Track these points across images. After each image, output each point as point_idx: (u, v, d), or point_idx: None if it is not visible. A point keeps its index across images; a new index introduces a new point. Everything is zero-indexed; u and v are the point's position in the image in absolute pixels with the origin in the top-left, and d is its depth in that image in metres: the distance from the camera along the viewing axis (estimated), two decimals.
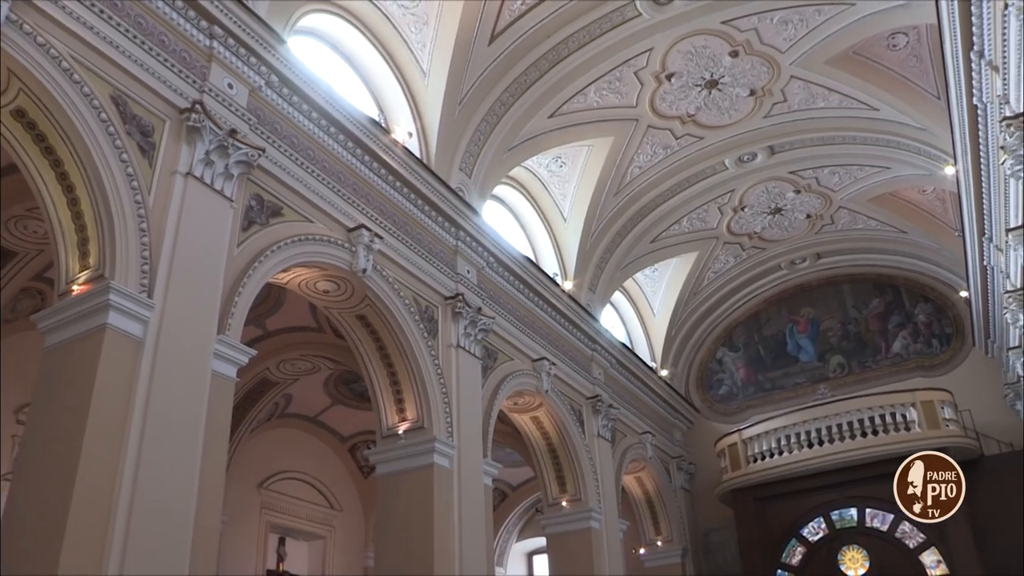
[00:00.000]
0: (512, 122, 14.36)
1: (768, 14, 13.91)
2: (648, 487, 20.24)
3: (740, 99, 15.89)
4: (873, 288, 22.35)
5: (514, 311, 14.64)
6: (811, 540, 18.98)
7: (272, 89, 9.61)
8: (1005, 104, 9.66)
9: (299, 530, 17.45)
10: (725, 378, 23.54)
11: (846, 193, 19.15)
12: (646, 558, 20.19)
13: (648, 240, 19.31)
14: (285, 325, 14.11)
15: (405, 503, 10.92)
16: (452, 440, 11.53)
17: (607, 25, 13.71)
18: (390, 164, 11.39)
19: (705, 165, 17.82)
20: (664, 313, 21.96)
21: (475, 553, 11.32)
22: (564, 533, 15.48)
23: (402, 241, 11.68)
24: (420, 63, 12.74)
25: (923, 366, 21.06)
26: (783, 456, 19.22)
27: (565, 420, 15.48)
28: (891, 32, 14.01)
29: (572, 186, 17.03)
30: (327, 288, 10.78)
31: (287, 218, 9.70)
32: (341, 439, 18.47)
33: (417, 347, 11.39)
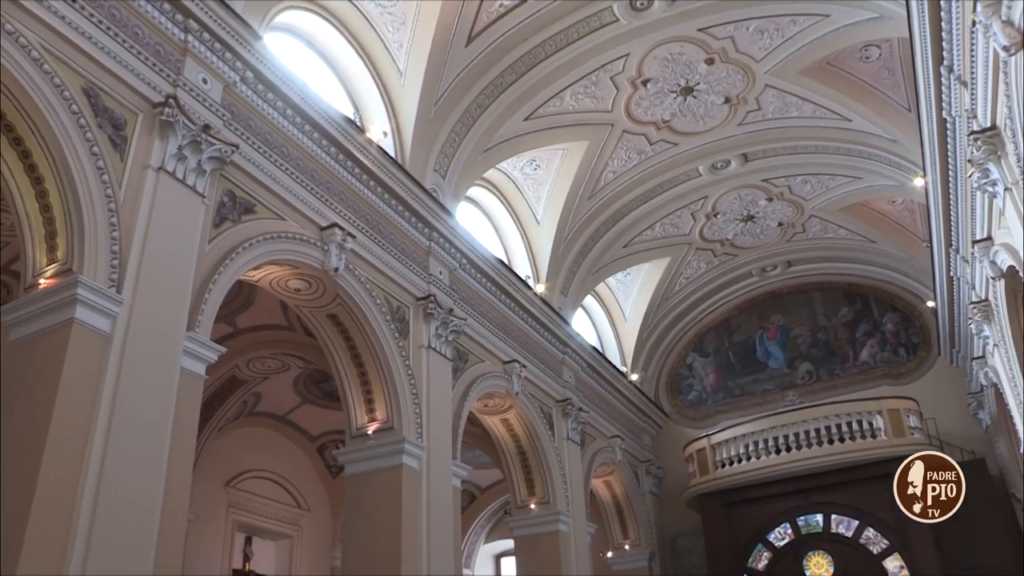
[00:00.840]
0: (488, 124, 14.36)
1: (744, 23, 14.01)
2: (617, 491, 20.31)
3: (715, 106, 15.99)
4: (842, 297, 22.59)
5: (486, 313, 14.63)
6: (777, 545, 19.12)
7: (247, 85, 9.54)
8: (973, 118, 9.79)
9: (266, 529, 17.32)
10: (695, 383, 23.67)
11: (818, 202, 19.34)
12: (613, 561, 20.24)
13: (621, 244, 19.38)
14: (255, 323, 14.00)
15: (373, 503, 10.87)
16: (421, 441, 11.50)
17: (584, 29, 13.75)
18: (364, 163, 11.34)
19: (679, 171, 17.91)
20: (635, 318, 22.04)
21: (443, 554, 11.29)
22: (532, 536, 15.49)
23: (375, 241, 11.64)
24: (397, 63, 12.71)
25: (890, 375, 21.33)
26: (751, 462, 19.35)
27: (535, 423, 15.49)
28: (864, 44, 14.18)
29: (546, 189, 17.05)
30: (298, 286, 10.71)
31: (259, 215, 9.63)
32: (310, 438, 18.36)
33: (388, 347, 11.34)
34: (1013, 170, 8.79)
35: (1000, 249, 11.01)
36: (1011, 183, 9.04)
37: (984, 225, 11.71)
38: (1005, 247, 10.64)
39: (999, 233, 10.99)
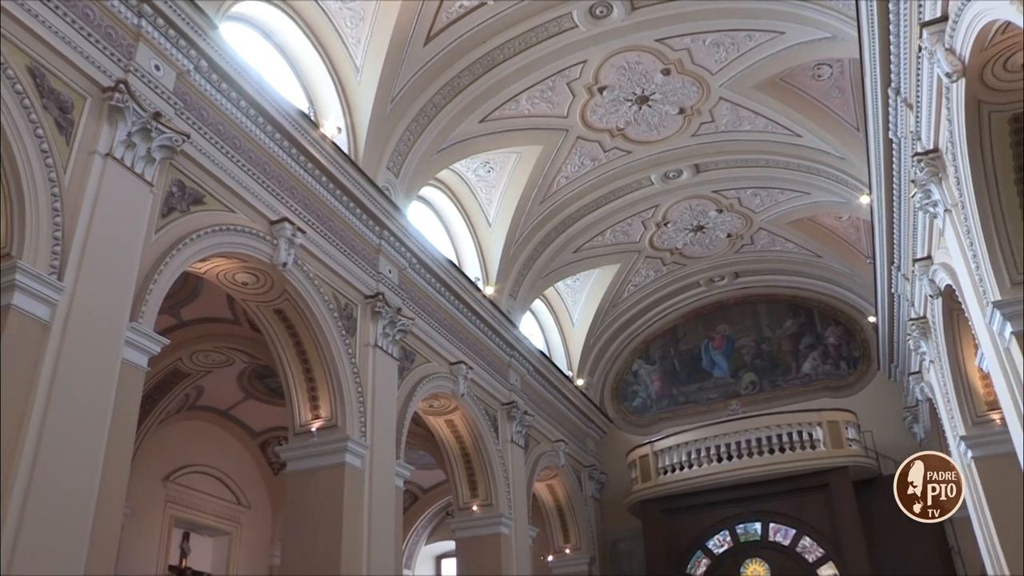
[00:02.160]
0: (443, 124, 14.33)
1: (701, 36, 14.19)
2: (559, 495, 20.39)
3: (669, 116, 16.15)
4: (787, 309, 22.97)
5: (434, 313, 14.59)
6: (716, 552, 19.38)
7: (201, 74, 9.39)
8: (917, 140, 10.02)
9: (204, 525, 17.05)
10: (640, 390, 23.86)
11: (766, 215, 19.63)
12: (554, 565, 20.32)
13: (571, 250, 19.47)
14: (201, 315, 13.79)
15: (315, 502, 10.76)
16: (365, 440, 11.42)
17: (543, 34, 13.80)
18: (317, 159, 11.24)
19: (631, 179, 18.06)
20: (583, 323, 22.15)
21: (383, 554, 11.22)
22: (474, 537, 15.49)
23: (325, 237, 11.54)
24: (354, 59, 12.62)
25: (830, 387, 21.75)
26: (693, 469, 19.59)
27: (480, 425, 15.49)
28: (817, 63, 14.45)
29: (499, 192, 17.07)
30: (246, 280, 10.58)
31: (209, 207, 9.49)
32: (252, 434, 18.14)
33: (334, 345, 11.25)
34: (953, 192, 9.02)
35: (939, 268, 11.28)
36: (951, 205, 9.28)
37: (925, 244, 11.99)
38: (943, 266, 10.91)
39: (938, 253, 11.27)
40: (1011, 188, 8.16)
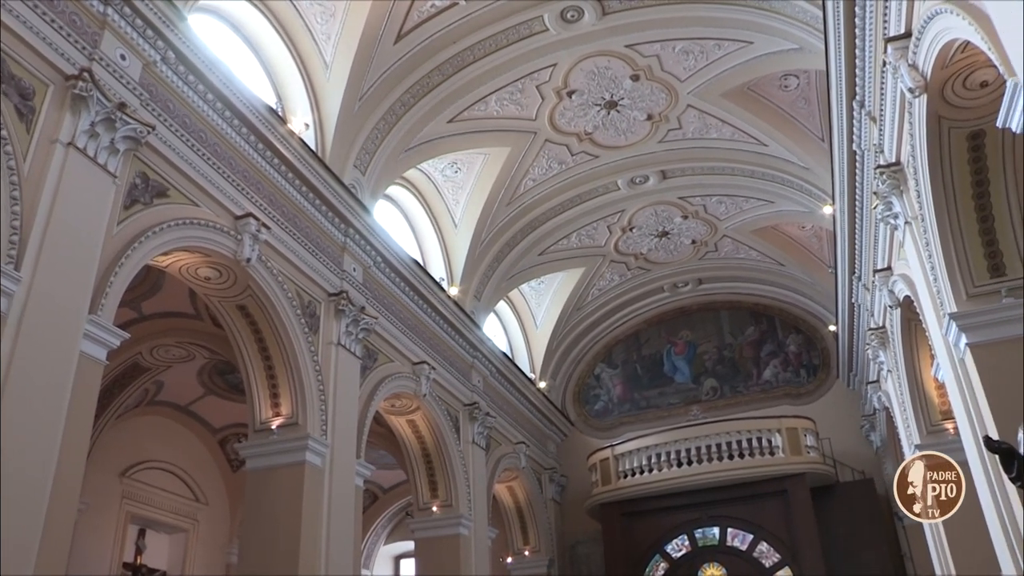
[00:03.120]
0: (411, 123, 14.29)
1: (671, 43, 14.29)
2: (519, 496, 20.41)
3: (637, 122, 16.25)
4: (750, 316, 23.19)
5: (398, 313, 14.54)
6: (674, 556, 19.53)
7: (168, 66, 9.26)
8: (880, 153, 10.17)
9: (161, 522, 16.84)
10: (602, 394, 23.96)
11: (731, 223, 19.80)
12: (513, 567, 20.34)
13: (536, 252, 19.51)
14: (162, 309, 13.61)
15: (274, 499, 10.67)
16: (326, 439, 11.35)
17: (514, 37, 13.82)
18: (284, 155, 11.16)
19: (598, 183, 18.13)
20: (547, 326, 22.20)
21: (342, 554, 11.16)
22: (433, 538, 15.45)
23: (290, 233, 11.46)
24: (323, 55, 12.54)
25: (790, 394, 22.00)
26: (652, 474, 19.72)
27: (441, 425, 15.46)
28: (784, 73, 14.62)
29: (466, 192, 17.05)
30: (209, 275, 10.47)
31: (173, 200, 9.38)
32: (212, 430, 17.94)
33: (297, 342, 11.17)
34: (913, 205, 9.18)
35: (898, 279, 11.46)
36: (911, 217, 9.43)
37: (885, 255, 12.18)
38: (903, 278, 11.09)
39: (898, 264, 11.46)
40: (968, 203, 8.32)
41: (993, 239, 8.35)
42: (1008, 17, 5.36)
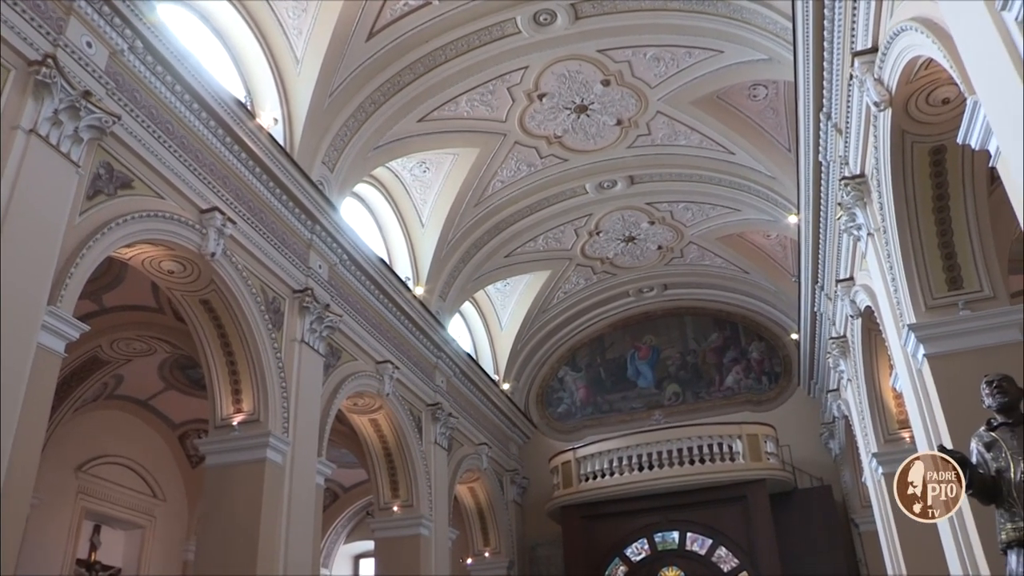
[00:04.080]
0: (381, 121, 14.24)
1: (642, 49, 14.37)
2: (480, 498, 20.41)
3: (607, 127, 16.32)
4: (713, 323, 23.38)
5: (363, 311, 14.48)
6: (633, 560, 19.63)
7: (135, 55, 9.13)
8: (845, 164, 10.31)
9: (117, 518, 16.58)
10: (565, 397, 24.02)
11: (697, 229, 19.94)
12: (473, 568, 20.33)
13: (503, 254, 19.52)
14: (123, 302, 13.43)
15: (233, 497, 10.56)
16: (287, 436, 11.27)
17: (486, 38, 13.81)
18: (252, 149, 11.06)
19: (566, 187, 18.18)
20: (512, 327, 22.22)
21: (301, 553, 11.09)
22: (393, 538, 15.38)
23: (256, 229, 11.36)
24: (294, 50, 12.45)
25: (752, 401, 22.21)
26: (614, 477, 19.81)
27: (403, 425, 15.41)
28: (753, 83, 14.78)
29: (434, 192, 17.02)
30: (172, 268, 10.35)
31: (137, 191, 9.25)
32: (172, 426, 17.71)
33: (260, 338, 11.08)
34: (876, 217, 9.31)
35: (860, 290, 11.61)
36: (874, 229, 9.57)
37: (848, 266, 12.33)
38: (865, 288, 11.24)
39: (860, 274, 11.61)
40: (929, 216, 8.47)
41: (952, 252, 8.50)
42: (969, 37, 5.47)
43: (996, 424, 5.77)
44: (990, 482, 5.56)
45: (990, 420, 5.84)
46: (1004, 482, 5.50)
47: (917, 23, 6.51)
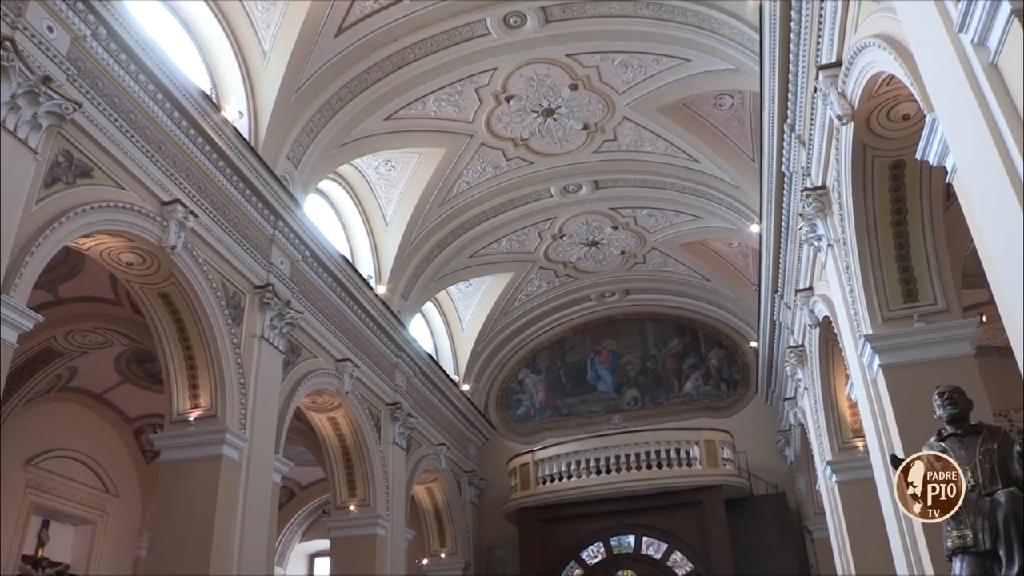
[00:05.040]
0: (347, 118, 14.17)
1: (611, 55, 14.45)
2: (438, 499, 20.37)
3: (573, 131, 16.37)
4: (674, 329, 23.54)
5: (324, 308, 14.39)
6: (589, 563, 19.73)
7: (98, 42, 8.97)
8: (807, 176, 10.44)
9: (67, 513, 16.29)
10: (524, 399, 24.06)
11: (660, 236, 20.07)
12: (428, 569, 20.29)
13: (466, 255, 19.50)
14: (80, 293, 13.22)
15: (188, 493, 10.44)
16: (245, 433, 11.17)
17: (456, 38, 13.80)
18: (216, 142, 10.95)
19: (531, 190, 18.20)
20: (473, 329, 22.20)
21: (255, 550, 10.99)
22: (349, 537, 15.30)
23: (217, 223, 11.25)
24: (262, 43, 12.33)
25: (710, 407, 22.41)
26: (571, 480, 19.89)
27: (362, 424, 15.34)
28: (720, 93, 14.92)
29: (398, 191, 16.96)
30: (131, 260, 10.20)
31: (97, 181, 9.11)
32: (127, 420, 17.47)
33: (219, 333, 10.97)
34: (836, 228, 9.44)
35: (819, 300, 11.76)
36: (833, 240, 9.70)
37: (807, 276, 12.49)
38: (823, 298, 11.39)
39: (819, 285, 11.76)
40: (887, 230, 8.61)
41: (909, 265, 8.65)
42: (929, 56, 5.57)
43: (946, 435, 5.89)
44: None
45: (940, 431, 5.97)
46: None
47: (880, 40, 6.62)
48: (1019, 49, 4.39)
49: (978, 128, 4.81)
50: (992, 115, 4.69)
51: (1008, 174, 4.56)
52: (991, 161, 4.71)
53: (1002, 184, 4.61)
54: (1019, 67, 4.43)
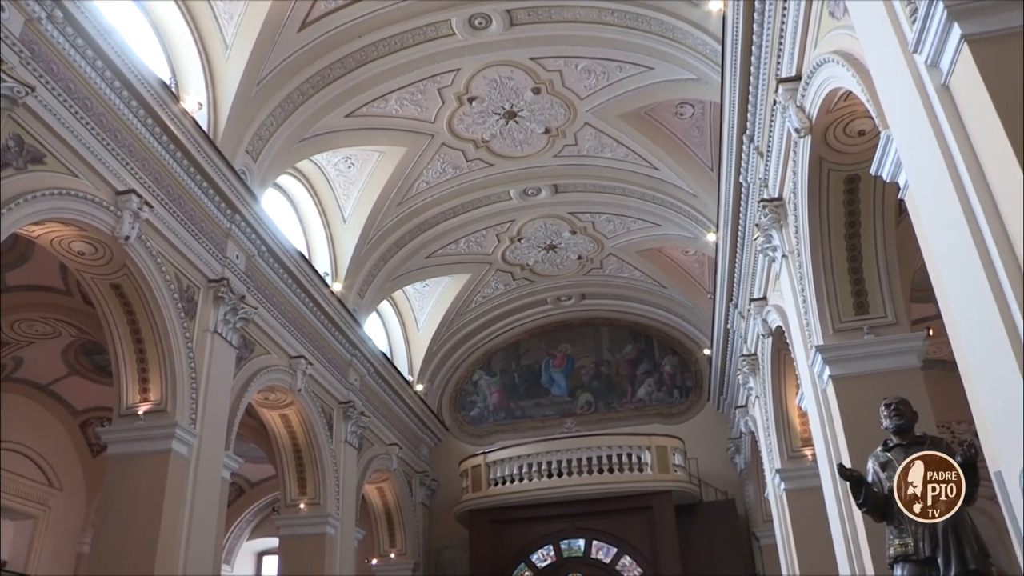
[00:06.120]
0: (308, 114, 14.05)
1: (575, 60, 14.51)
2: (389, 499, 20.28)
3: (534, 135, 16.41)
4: (629, 335, 23.69)
5: (279, 304, 14.26)
6: (539, 566, 19.78)
7: (54, 25, 8.75)
8: (764, 187, 10.59)
9: (7, 508, 15.88)
10: (478, 400, 24.05)
11: (618, 242, 20.19)
12: (378, 569, 20.19)
13: (424, 255, 19.44)
14: (28, 282, 12.93)
15: (134, 488, 10.28)
16: (195, 428, 11.03)
17: (420, 37, 13.76)
18: (174, 133, 10.80)
19: (491, 191, 18.20)
20: (428, 329, 22.14)
21: (202, 548, 10.84)
22: (298, 536, 15.17)
23: (173, 214, 11.10)
24: (224, 34, 12.19)
25: (662, 413, 22.59)
26: (523, 483, 19.92)
27: (314, 422, 15.22)
28: (681, 102, 15.06)
29: (357, 189, 16.86)
30: (83, 250, 10.02)
31: (49, 168, 8.94)
32: (73, 412, 17.11)
33: (171, 326, 10.82)
34: (791, 239, 9.59)
35: (772, 310, 11.93)
36: (788, 251, 9.85)
37: (762, 286, 12.66)
38: (776, 308, 11.55)
39: (773, 295, 11.93)
40: (841, 243, 8.76)
41: (860, 278, 8.81)
42: (885, 75, 5.69)
43: (892, 445, 6.02)
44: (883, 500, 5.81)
45: (886, 441, 6.10)
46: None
47: (839, 56, 6.75)
48: (969, 71, 4.51)
49: (930, 147, 4.93)
50: (943, 134, 4.81)
51: (957, 192, 4.68)
52: (941, 179, 4.83)
53: (951, 202, 4.73)
54: (969, 89, 4.56)
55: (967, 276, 4.70)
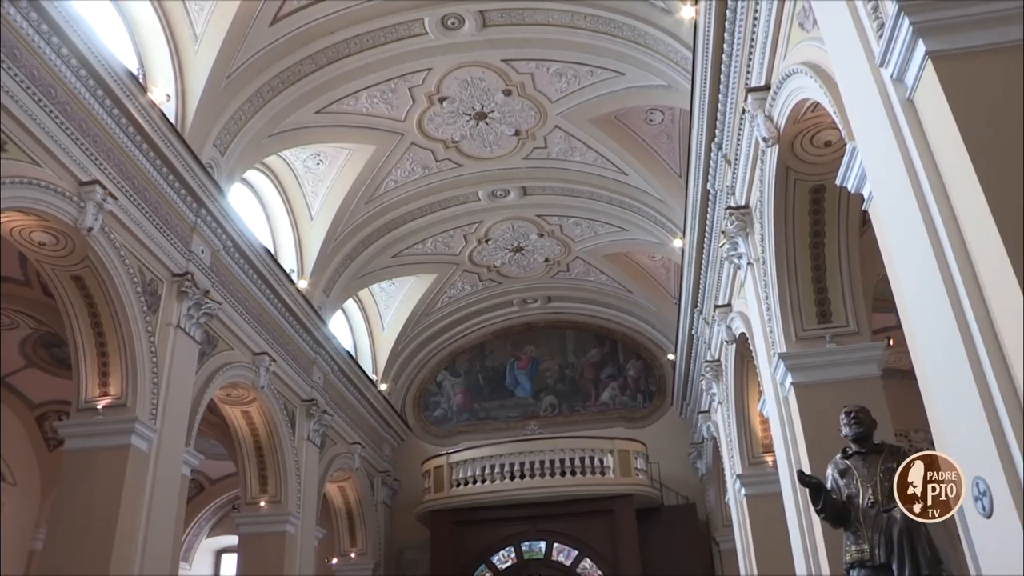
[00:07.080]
0: (278, 109, 13.95)
1: (546, 63, 14.54)
2: (350, 498, 20.19)
3: (504, 136, 16.43)
4: (594, 338, 23.79)
5: (243, 300, 14.14)
6: (500, 567, 19.80)
7: (18, 10, 8.57)
8: (731, 195, 10.68)
9: None
10: (442, 401, 24.03)
11: (585, 245, 20.27)
12: (338, 568, 20.09)
13: (390, 254, 19.37)
14: None
15: (91, 484, 10.12)
16: (155, 423, 10.90)
17: (392, 36, 13.72)
18: (141, 124, 10.66)
19: (459, 192, 18.19)
20: (393, 328, 22.08)
21: (160, 546, 10.70)
22: (258, 534, 15.03)
23: (138, 207, 10.96)
24: (194, 26, 12.05)
25: (625, 417, 22.71)
26: (485, 484, 19.92)
27: (276, 419, 15.11)
28: (651, 108, 15.15)
29: (326, 186, 16.76)
30: (44, 240, 9.87)
31: (11, 156, 8.77)
32: (30, 406, 16.81)
33: (133, 320, 10.68)
34: (757, 247, 9.68)
35: (736, 316, 12.04)
36: (753, 259, 9.95)
37: (727, 292, 12.77)
38: (741, 315, 11.66)
39: (738, 302, 12.04)
40: (805, 252, 8.86)
41: (824, 287, 8.92)
42: (852, 87, 5.77)
43: (851, 452, 6.12)
44: (841, 507, 5.91)
45: (845, 448, 6.19)
46: (853, 507, 5.87)
47: (808, 68, 6.83)
48: (933, 87, 4.60)
49: (894, 159, 5.01)
50: (907, 148, 4.89)
51: (919, 205, 4.75)
52: (904, 192, 4.91)
53: (913, 214, 4.81)
54: (932, 104, 4.64)
55: (927, 287, 4.78)
